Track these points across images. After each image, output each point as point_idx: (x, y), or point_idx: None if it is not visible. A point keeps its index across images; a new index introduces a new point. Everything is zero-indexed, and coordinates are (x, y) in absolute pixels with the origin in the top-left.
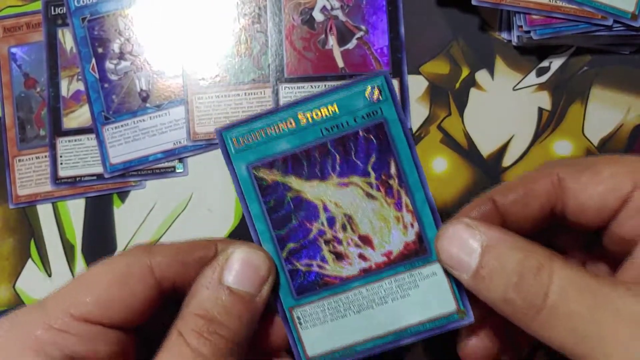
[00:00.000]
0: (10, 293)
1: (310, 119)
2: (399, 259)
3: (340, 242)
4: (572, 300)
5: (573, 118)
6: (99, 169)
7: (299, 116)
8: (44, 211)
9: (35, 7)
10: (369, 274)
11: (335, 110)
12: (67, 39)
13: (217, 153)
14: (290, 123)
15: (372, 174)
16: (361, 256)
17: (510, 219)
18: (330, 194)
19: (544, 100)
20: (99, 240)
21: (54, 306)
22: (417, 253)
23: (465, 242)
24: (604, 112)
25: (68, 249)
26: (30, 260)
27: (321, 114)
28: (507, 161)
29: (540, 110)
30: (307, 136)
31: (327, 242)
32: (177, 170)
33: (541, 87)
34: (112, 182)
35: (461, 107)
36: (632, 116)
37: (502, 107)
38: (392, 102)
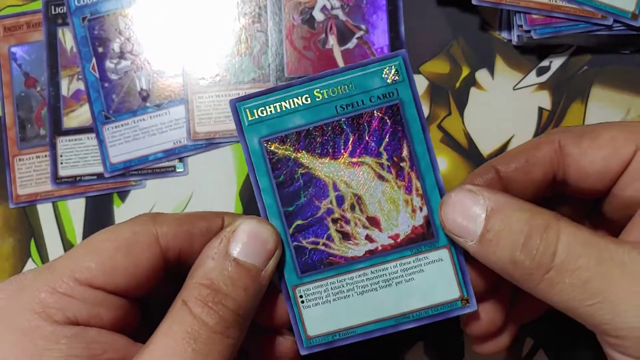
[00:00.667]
0: None
1: (326, 95)
2: (405, 243)
3: (348, 221)
4: (579, 256)
5: (573, 118)
6: (99, 169)
7: (315, 92)
8: (44, 211)
9: (36, 7)
10: (374, 256)
11: (351, 89)
12: (67, 39)
13: (218, 152)
14: (306, 98)
15: (385, 155)
16: (368, 237)
17: (512, 187)
18: (341, 173)
19: (544, 99)
20: None
21: (60, 270)
22: (425, 237)
23: (469, 208)
24: (604, 111)
25: (68, 249)
26: (30, 260)
27: (337, 91)
28: None
29: (541, 109)
30: (321, 112)
31: (334, 221)
32: (177, 170)
33: (541, 86)
34: (112, 182)
35: (461, 106)
36: (632, 116)
37: (502, 107)
38: (409, 83)
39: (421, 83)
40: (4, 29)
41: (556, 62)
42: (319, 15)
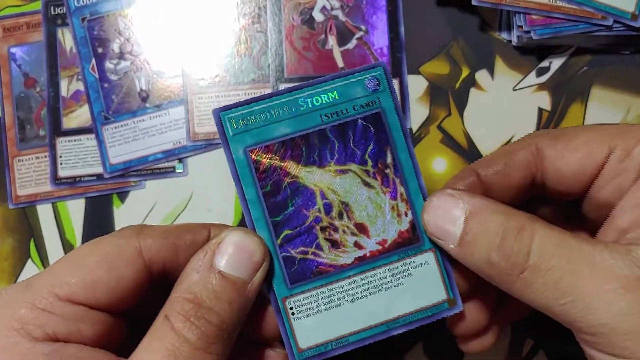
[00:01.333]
0: None
1: (310, 104)
2: (393, 247)
3: (336, 229)
4: (552, 256)
5: (573, 118)
6: (98, 169)
7: (299, 101)
8: (44, 211)
9: (35, 7)
10: (363, 263)
11: (335, 97)
12: (67, 39)
13: (217, 153)
14: (291, 108)
15: (370, 162)
16: (357, 244)
17: (493, 190)
18: (328, 181)
19: (544, 100)
20: None
21: (39, 285)
22: (411, 241)
23: (450, 212)
24: (604, 112)
25: (68, 249)
26: (30, 261)
27: (321, 100)
28: None
29: (540, 110)
30: (306, 122)
31: (323, 230)
32: (177, 170)
33: (541, 87)
34: (112, 182)
35: (461, 107)
36: (632, 116)
37: (502, 107)
38: (390, 92)
39: (421, 83)
40: (3, 30)
41: (556, 63)
42: (318, 16)
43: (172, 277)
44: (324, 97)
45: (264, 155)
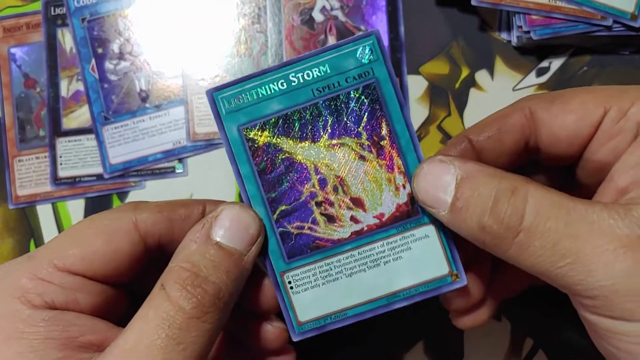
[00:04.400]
0: None
1: (301, 79)
2: (390, 221)
3: (332, 204)
4: (548, 218)
5: None
6: (98, 169)
7: (290, 77)
8: (44, 211)
9: (35, 8)
10: (360, 237)
11: (326, 71)
12: (66, 39)
13: (217, 153)
14: (282, 84)
15: (364, 135)
16: (353, 218)
17: (485, 156)
18: (322, 156)
19: None
20: None
21: (40, 257)
22: (409, 214)
23: (440, 178)
24: None
25: None
26: None
27: (312, 74)
28: None
29: None
30: (298, 97)
31: (318, 204)
32: (177, 171)
33: (541, 87)
34: (111, 183)
35: (461, 107)
36: None
37: (502, 108)
38: (384, 61)
39: (421, 84)
40: (3, 30)
41: (556, 63)
42: (318, 16)
43: (168, 250)
44: (315, 71)
45: (258, 133)
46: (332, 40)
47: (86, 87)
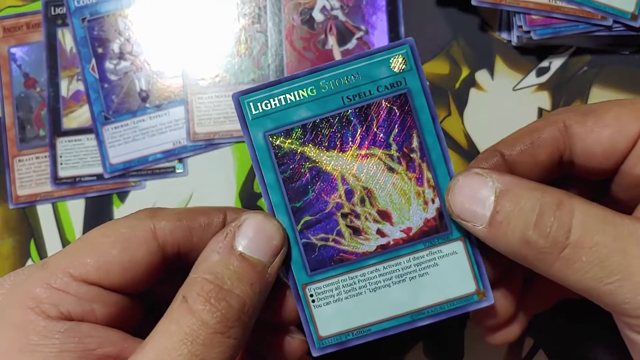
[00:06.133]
0: None
1: (332, 86)
2: (418, 236)
3: (358, 216)
4: (595, 232)
5: None
6: (98, 169)
7: (321, 83)
8: (44, 211)
9: (35, 7)
10: (386, 251)
11: (358, 79)
12: (67, 39)
13: (217, 153)
14: (312, 90)
15: (394, 146)
16: (379, 232)
17: (518, 170)
18: (350, 166)
19: (544, 100)
20: None
21: (54, 265)
22: (438, 230)
23: (478, 191)
24: None
25: None
26: (30, 260)
27: (343, 81)
28: None
29: (540, 110)
30: (328, 104)
31: (344, 216)
32: (177, 171)
33: (541, 87)
34: (112, 182)
35: (461, 107)
36: None
37: (502, 107)
38: (417, 72)
39: None
40: (3, 30)
41: (556, 63)
42: (318, 16)
43: (187, 259)
44: (346, 78)
45: (284, 140)
46: (332, 40)
47: (86, 87)
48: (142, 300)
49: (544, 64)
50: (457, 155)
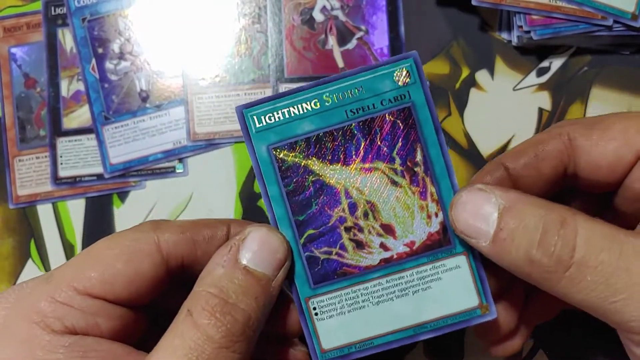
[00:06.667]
0: None
1: (335, 99)
2: (421, 250)
3: (361, 230)
4: (600, 250)
5: (573, 118)
6: (99, 169)
7: (324, 97)
8: (44, 211)
9: (35, 7)
10: (390, 265)
11: (362, 92)
12: (67, 39)
13: (217, 153)
14: (315, 103)
15: (398, 160)
16: (382, 245)
17: (522, 184)
18: (353, 180)
19: (544, 100)
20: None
21: (59, 279)
22: (441, 244)
23: (481, 207)
24: (604, 112)
25: (68, 249)
26: (30, 260)
27: (347, 95)
28: None
29: (541, 110)
30: (331, 118)
31: (347, 230)
32: (177, 171)
33: (541, 87)
34: (112, 182)
35: (461, 107)
36: None
37: (502, 107)
38: (421, 85)
39: None
40: (4, 30)
41: (556, 63)
42: (318, 16)
43: (190, 272)
44: (350, 91)
45: (288, 153)
46: (332, 40)
47: (86, 87)
48: (147, 312)
49: (544, 64)
50: (457, 155)
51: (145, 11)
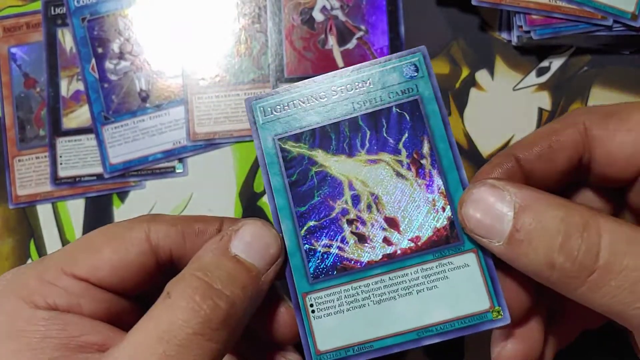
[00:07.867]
0: None
1: (342, 92)
2: (427, 246)
3: (364, 223)
4: (624, 255)
5: None
6: (98, 169)
7: (332, 89)
8: (44, 211)
9: (35, 7)
10: (393, 260)
11: (369, 85)
12: (67, 39)
13: (217, 153)
14: (322, 95)
15: (404, 152)
16: (386, 240)
17: (535, 176)
18: (358, 171)
19: (544, 100)
20: None
21: (50, 261)
22: (448, 240)
23: (494, 205)
24: None
25: None
26: (30, 260)
27: (354, 87)
28: None
29: (541, 110)
30: (338, 110)
31: (350, 222)
32: (177, 171)
33: (541, 87)
34: (111, 182)
35: (461, 107)
36: None
37: (502, 107)
38: (429, 79)
39: None
40: (3, 30)
41: (556, 63)
42: (318, 16)
43: (180, 265)
44: (357, 84)
45: (293, 144)
46: (332, 40)
47: (86, 87)
48: (141, 304)
49: (544, 64)
50: None
51: (145, 11)
